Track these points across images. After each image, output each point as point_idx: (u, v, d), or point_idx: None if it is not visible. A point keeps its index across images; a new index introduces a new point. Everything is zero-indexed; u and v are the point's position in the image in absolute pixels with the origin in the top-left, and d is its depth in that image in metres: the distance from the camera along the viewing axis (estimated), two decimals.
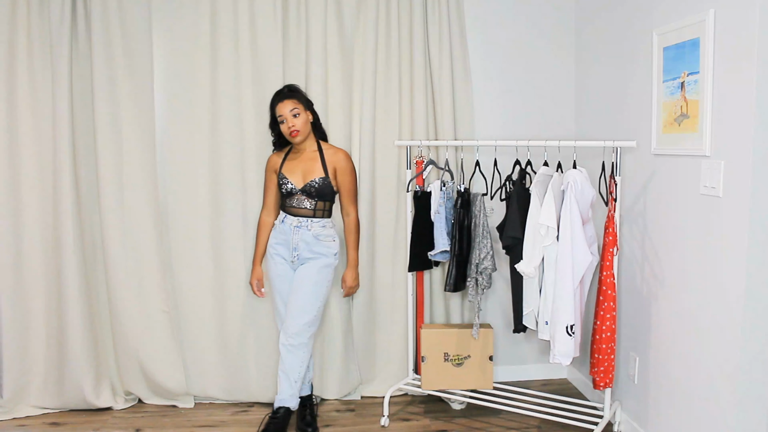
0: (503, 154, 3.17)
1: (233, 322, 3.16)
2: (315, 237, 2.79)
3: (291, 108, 2.73)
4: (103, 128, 2.98)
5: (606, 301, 2.50)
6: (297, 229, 2.79)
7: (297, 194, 2.78)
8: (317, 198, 2.79)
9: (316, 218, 2.81)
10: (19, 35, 2.92)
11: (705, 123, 2.16)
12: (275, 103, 2.77)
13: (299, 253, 2.81)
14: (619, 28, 2.84)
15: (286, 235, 2.81)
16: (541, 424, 2.96)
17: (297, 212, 2.80)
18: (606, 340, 2.52)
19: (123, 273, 3.06)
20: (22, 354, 3.05)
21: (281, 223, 2.83)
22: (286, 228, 2.81)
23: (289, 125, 2.73)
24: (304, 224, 2.79)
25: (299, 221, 2.79)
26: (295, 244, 2.80)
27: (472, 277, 2.76)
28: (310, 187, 2.77)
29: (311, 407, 2.99)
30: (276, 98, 2.79)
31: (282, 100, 2.75)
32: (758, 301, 2.02)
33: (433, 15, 3.13)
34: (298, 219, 2.80)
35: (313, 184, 2.77)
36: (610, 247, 2.49)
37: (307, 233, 2.79)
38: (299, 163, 2.81)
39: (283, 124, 2.75)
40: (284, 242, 2.82)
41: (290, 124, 2.72)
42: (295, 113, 2.73)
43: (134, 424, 2.99)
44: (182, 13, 3.03)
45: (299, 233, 2.79)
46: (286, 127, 2.73)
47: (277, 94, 2.81)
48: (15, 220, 2.99)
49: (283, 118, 2.74)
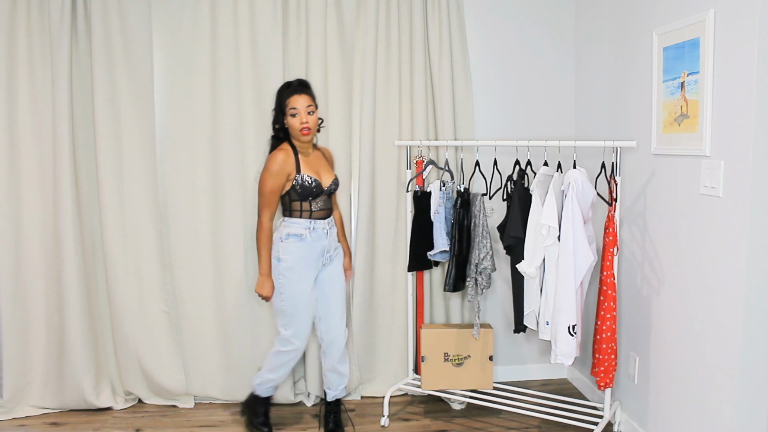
0: (503, 154, 3.17)
1: (233, 322, 3.16)
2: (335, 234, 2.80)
3: (308, 104, 2.58)
4: (103, 128, 2.98)
5: (606, 301, 2.50)
6: (331, 231, 2.72)
7: (321, 195, 2.65)
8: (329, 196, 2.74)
9: (330, 217, 2.76)
10: (19, 35, 2.92)
11: (705, 123, 2.16)
12: (289, 95, 2.59)
13: (332, 254, 2.76)
14: (619, 28, 2.84)
15: (320, 241, 2.65)
16: (541, 424, 2.96)
17: (323, 215, 2.67)
18: (607, 340, 2.52)
19: (123, 273, 3.06)
20: (22, 354, 3.05)
21: (312, 231, 2.62)
22: (319, 234, 2.64)
23: (302, 120, 2.56)
24: (330, 224, 2.73)
25: (328, 223, 2.70)
26: (329, 246, 2.72)
27: (472, 277, 2.76)
28: (334, 185, 2.71)
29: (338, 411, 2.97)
30: (290, 90, 2.61)
31: (299, 93, 2.58)
32: (758, 301, 2.02)
33: (433, 15, 3.13)
34: (326, 221, 2.68)
35: (334, 182, 2.73)
36: (611, 247, 2.49)
37: (333, 232, 2.76)
38: (315, 164, 2.67)
39: (294, 117, 2.57)
40: (318, 249, 2.66)
41: (303, 119, 2.56)
42: (310, 110, 2.59)
43: (134, 424, 2.99)
44: (182, 13, 3.03)
45: (332, 234, 2.72)
46: (298, 122, 2.56)
47: (288, 86, 2.64)
48: (15, 220, 2.99)
49: (297, 111, 2.56)
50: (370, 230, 3.21)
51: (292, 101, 2.58)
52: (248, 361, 3.17)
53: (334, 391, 2.88)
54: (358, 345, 3.27)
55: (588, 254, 2.48)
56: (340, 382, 2.87)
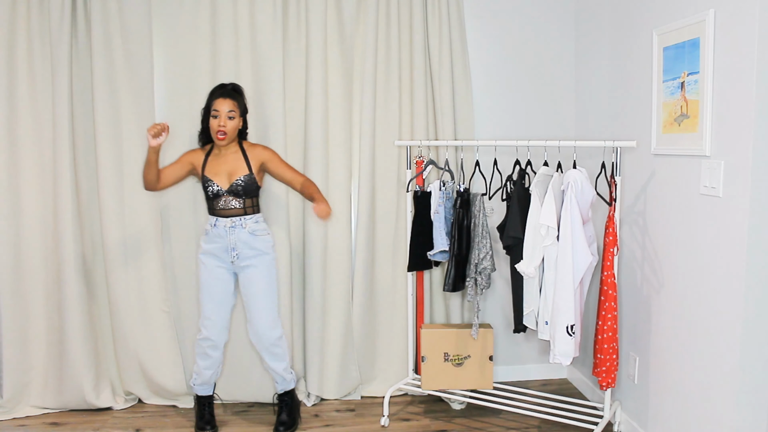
0: (503, 154, 3.18)
1: (233, 323, 3.16)
2: (251, 233, 2.79)
3: (229, 109, 2.69)
4: (103, 128, 2.98)
5: (607, 301, 2.50)
6: (232, 229, 2.77)
7: (224, 195, 2.74)
8: (244, 196, 2.77)
9: (248, 215, 2.80)
10: (19, 35, 2.92)
11: (705, 123, 2.16)
12: (215, 97, 2.71)
13: (238, 252, 2.79)
14: (619, 28, 2.84)
15: (222, 237, 2.76)
16: (541, 424, 2.96)
17: (227, 213, 2.76)
18: (608, 340, 2.52)
19: (123, 273, 3.06)
20: (22, 354, 3.05)
21: (213, 227, 2.77)
22: (220, 231, 2.76)
23: (220, 123, 2.68)
24: (238, 223, 2.77)
25: (233, 221, 2.77)
26: (233, 244, 2.78)
27: (471, 277, 2.75)
28: (237, 186, 2.75)
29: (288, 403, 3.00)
30: (217, 92, 2.72)
31: (223, 97, 2.70)
32: (758, 301, 2.02)
33: (433, 15, 3.13)
34: (231, 219, 2.76)
35: (239, 182, 2.75)
36: (611, 247, 2.49)
37: (243, 231, 2.78)
38: (223, 164, 2.76)
39: (215, 119, 2.69)
40: (221, 245, 2.78)
41: (221, 123, 2.68)
42: (231, 115, 2.70)
43: (134, 424, 2.99)
44: (182, 13, 3.03)
45: (235, 233, 2.77)
46: (216, 124, 2.68)
47: (219, 87, 2.75)
48: (15, 221, 2.99)
49: (218, 113, 2.68)
50: (370, 230, 3.21)
51: (216, 104, 2.70)
52: (248, 361, 3.17)
53: (277, 385, 2.95)
54: (358, 345, 3.27)
55: (587, 254, 2.48)
56: (276, 378, 2.93)
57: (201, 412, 2.96)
